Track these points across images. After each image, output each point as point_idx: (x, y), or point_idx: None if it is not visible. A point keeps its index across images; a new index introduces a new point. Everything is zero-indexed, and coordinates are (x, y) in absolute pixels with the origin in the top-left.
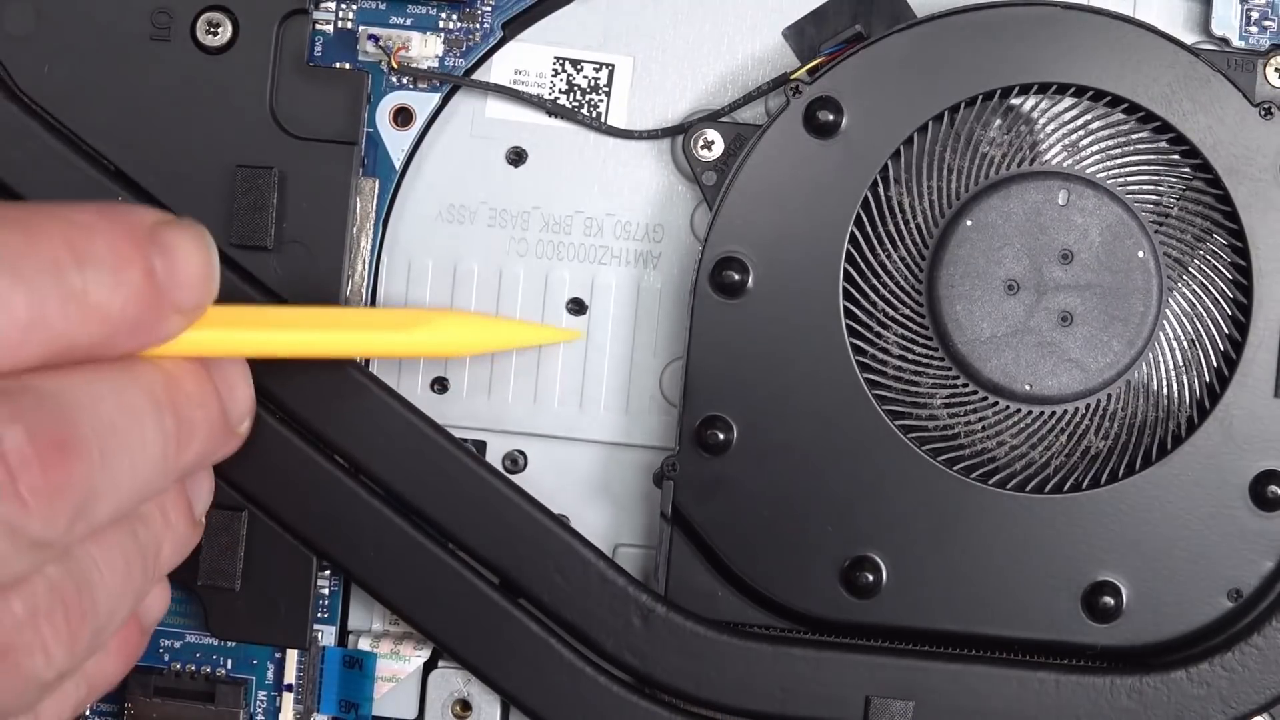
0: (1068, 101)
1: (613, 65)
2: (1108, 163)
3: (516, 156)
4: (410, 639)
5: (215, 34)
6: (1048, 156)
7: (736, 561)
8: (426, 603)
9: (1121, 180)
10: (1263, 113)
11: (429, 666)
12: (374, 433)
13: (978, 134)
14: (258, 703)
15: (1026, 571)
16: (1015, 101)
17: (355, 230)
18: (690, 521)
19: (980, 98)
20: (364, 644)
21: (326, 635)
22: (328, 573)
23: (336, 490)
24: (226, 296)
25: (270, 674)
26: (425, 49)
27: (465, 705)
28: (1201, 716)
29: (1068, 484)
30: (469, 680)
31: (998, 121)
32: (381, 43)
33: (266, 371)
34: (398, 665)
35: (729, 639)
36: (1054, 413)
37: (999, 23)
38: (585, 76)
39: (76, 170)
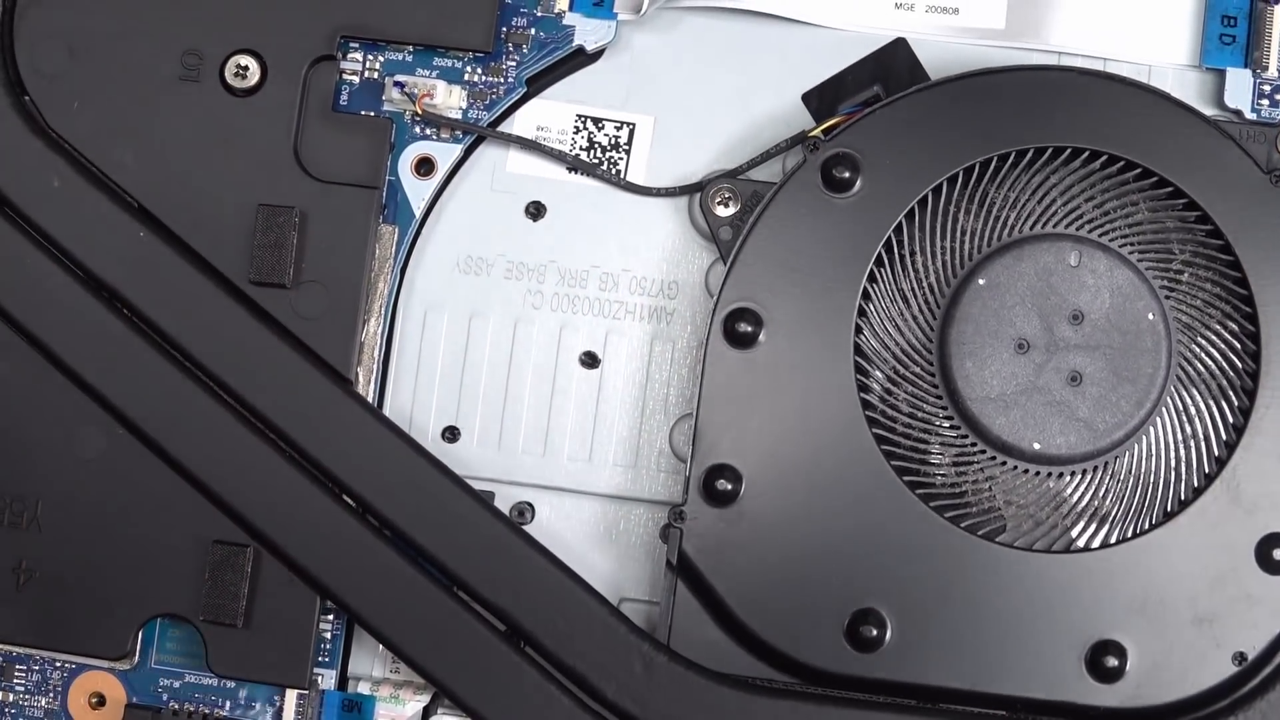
0: (1080, 165)
1: (634, 124)
2: (1120, 226)
3: (536, 210)
4: (410, 685)
5: (244, 77)
6: (1060, 219)
7: (740, 612)
8: (430, 646)
9: (1133, 244)
10: (1274, 180)
11: (427, 711)
12: (385, 475)
13: (992, 195)
14: None
15: (1031, 630)
16: (1029, 164)
17: (373, 275)
18: (696, 571)
19: (995, 160)
20: (364, 689)
21: (326, 679)
22: (330, 616)
23: (344, 530)
24: (242, 333)
25: (269, 717)
26: (449, 100)
27: None
28: None
29: (1074, 544)
30: None
31: (1011, 183)
32: (407, 89)
33: (278, 408)
34: (396, 710)
35: (730, 690)
36: (1062, 473)
37: (1015, 87)
38: (606, 134)
39: (101, 206)
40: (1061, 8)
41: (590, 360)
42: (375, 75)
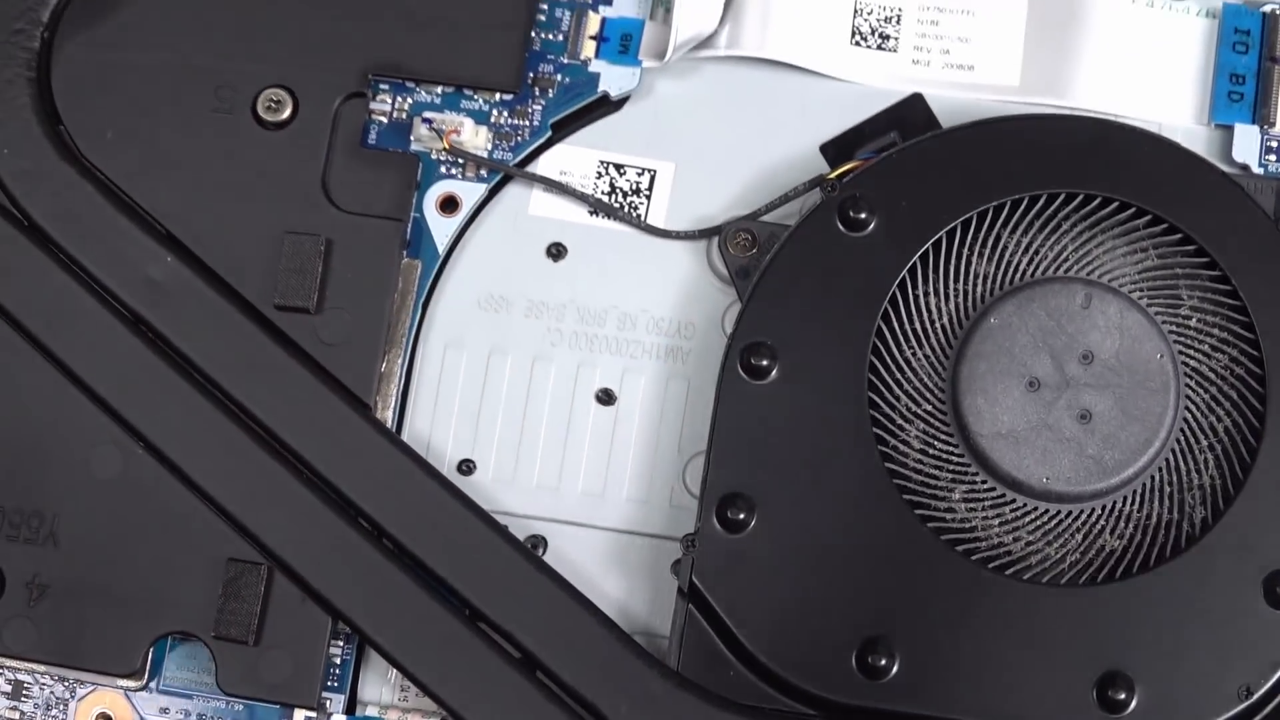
0: (1091, 211)
1: (655, 170)
2: (1129, 271)
3: (557, 251)
4: (418, 711)
5: (276, 110)
6: (1072, 263)
7: (750, 639)
8: (441, 671)
9: (1142, 288)
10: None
11: None
12: (400, 499)
13: (1005, 239)
14: None
15: (1039, 662)
16: (1041, 210)
17: (396, 307)
18: (706, 598)
19: (1008, 204)
20: (372, 712)
21: (335, 704)
22: (340, 641)
23: (359, 553)
24: (265, 358)
25: None
26: (475, 140)
27: None
28: None
29: (1082, 578)
30: None
31: (1024, 228)
32: (435, 125)
33: (297, 431)
34: None
35: (737, 718)
36: (1070, 511)
37: (1028, 135)
38: (628, 180)
39: (129, 232)
40: (1074, 65)
41: (606, 397)
42: (404, 115)
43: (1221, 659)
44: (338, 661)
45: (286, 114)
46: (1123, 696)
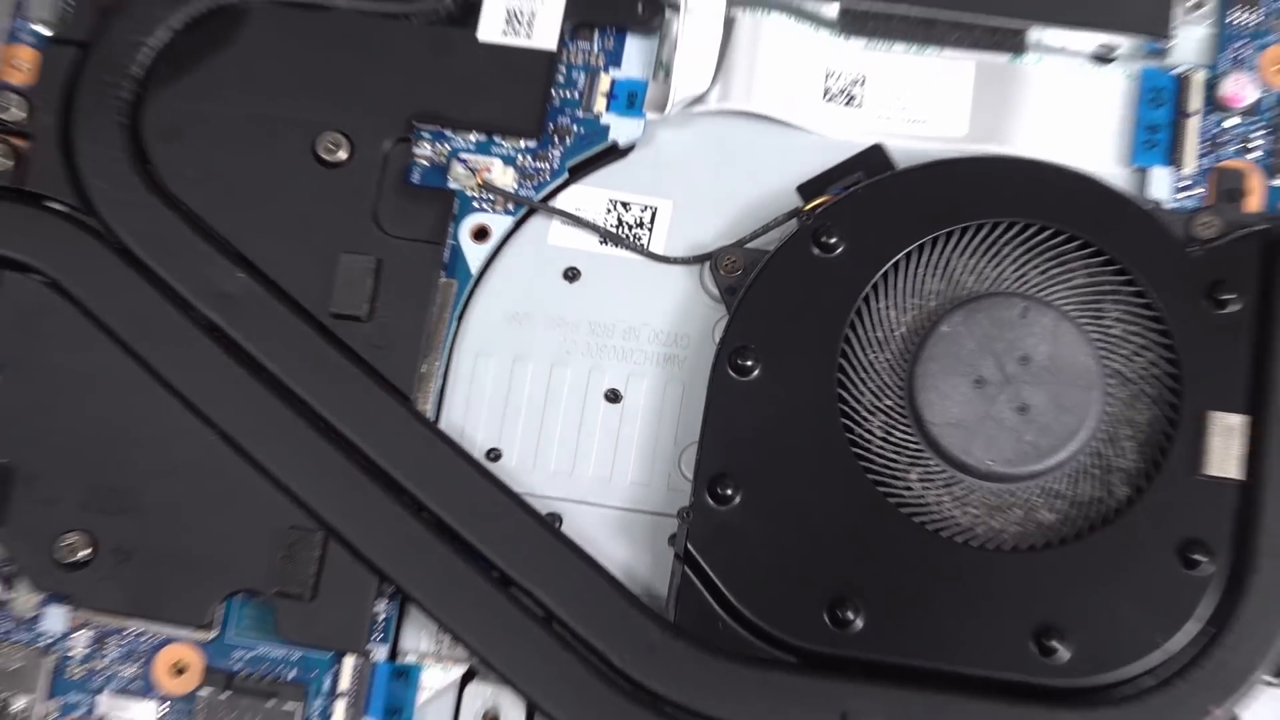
0: (1028, 236)
1: (656, 207)
2: (1061, 287)
3: (572, 275)
4: (450, 658)
5: (334, 152)
6: (1010, 280)
7: (736, 596)
8: (472, 623)
9: (1072, 301)
10: (1190, 250)
11: (466, 678)
12: (438, 477)
13: (953, 261)
14: (314, 706)
15: (985, 616)
16: (985, 236)
17: (434, 319)
18: (699, 561)
19: (956, 232)
20: (411, 660)
21: (379, 653)
22: (385, 599)
23: (402, 523)
24: (322, 358)
25: (327, 683)
26: (504, 179)
27: (493, 717)
28: None
29: (1022, 546)
30: (498, 694)
31: (970, 251)
32: (469, 164)
33: (350, 420)
34: (440, 676)
35: (725, 663)
36: (1010, 490)
37: (973, 173)
38: (633, 214)
39: (205, 253)
40: (1014, 118)
41: (614, 396)
42: (443, 158)
43: (1141, 613)
44: (382, 616)
45: (344, 155)
46: (1056, 644)
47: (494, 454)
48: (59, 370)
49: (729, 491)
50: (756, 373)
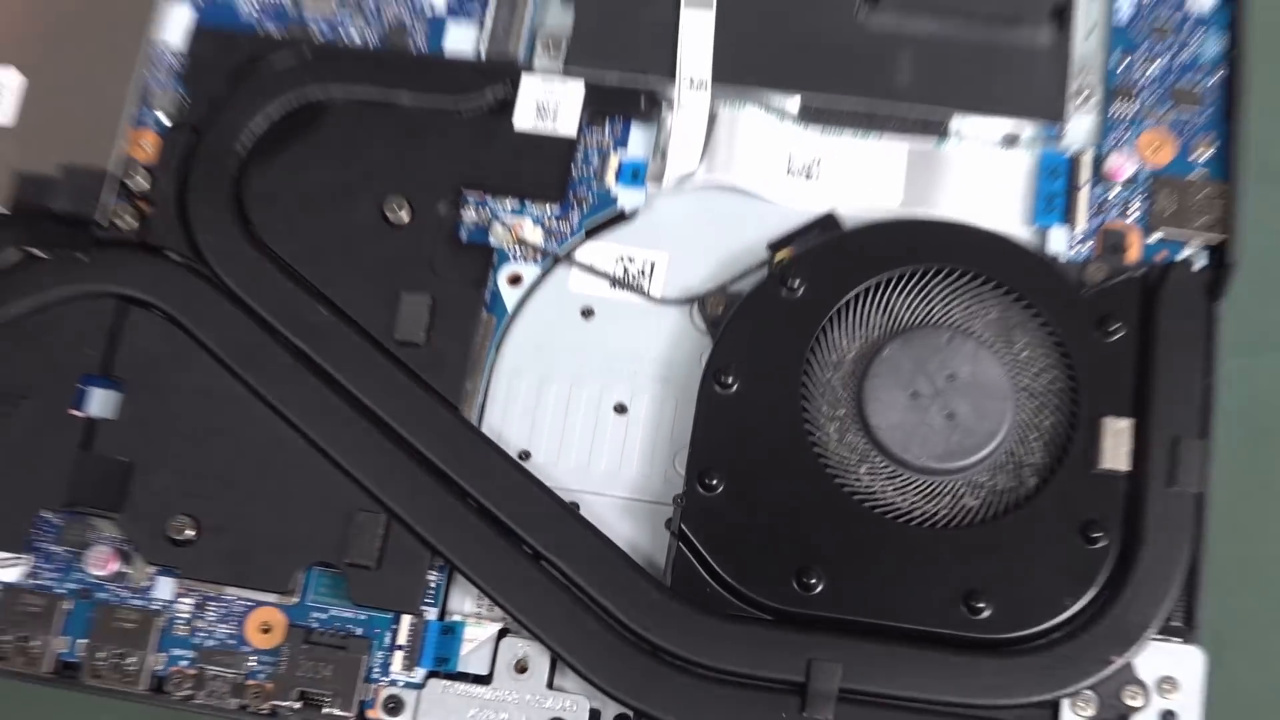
0: (952, 280)
1: (655, 260)
2: (978, 320)
3: (587, 313)
4: (490, 619)
5: (397, 213)
6: (938, 315)
7: (721, 566)
8: (508, 589)
9: (988, 331)
10: (1082, 291)
11: (501, 635)
12: (480, 470)
13: (891, 300)
14: (377, 656)
15: (922, 581)
16: (918, 280)
17: (478, 347)
18: (690, 538)
19: (895, 276)
20: (456, 618)
21: (430, 613)
22: (435, 571)
23: (451, 509)
24: (387, 376)
25: (388, 638)
26: (534, 236)
27: (523, 667)
28: (1042, 686)
29: (951, 524)
30: (527, 646)
31: (905, 292)
32: (506, 224)
33: (409, 425)
34: (479, 632)
35: (712, 619)
36: (941, 480)
37: (907, 231)
38: (637, 265)
39: (292, 291)
40: (939, 190)
41: (621, 409)
42: (485, 220)
43: (1050, 580)
44: (434, 584)
45: (405, 217)
46: (981, 605)
47: (525, 454)
48: (173, 387)
49: (714, 482)
50: (736, 387)
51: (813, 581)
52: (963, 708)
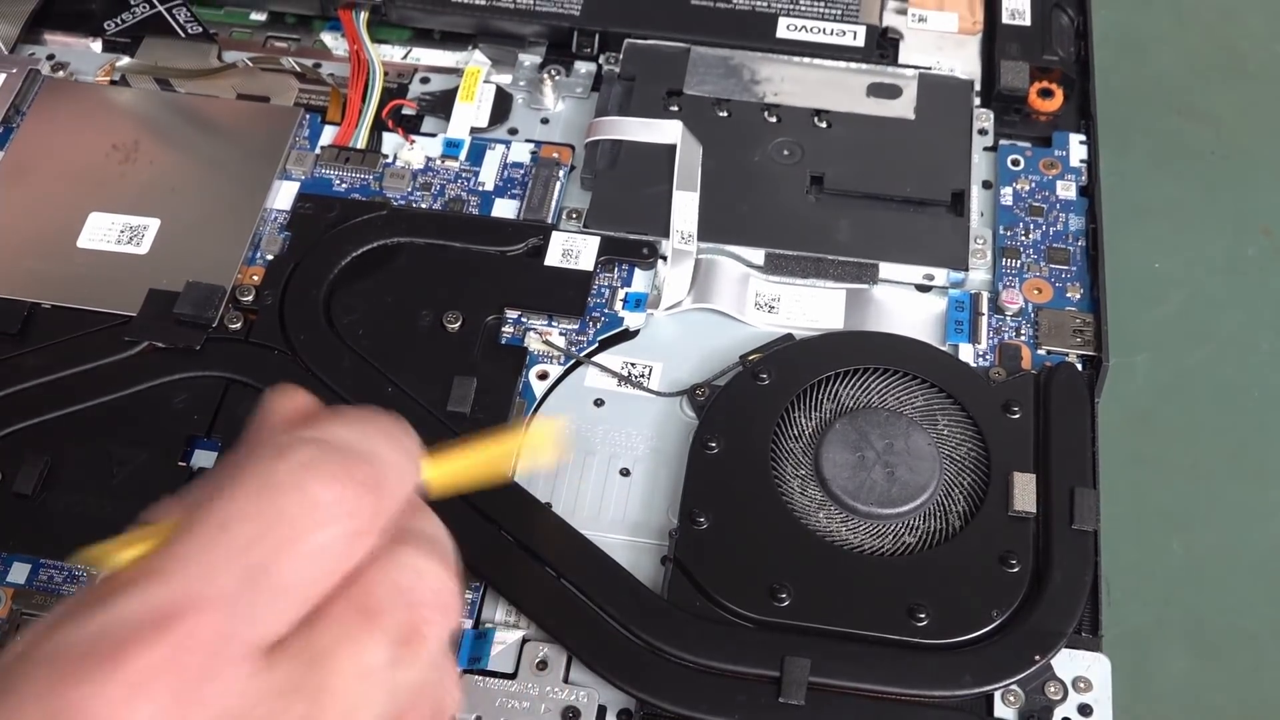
0: (888, 377)
1: (653, 365)
2: (910, 405)
3: (599, 403)
4: (518, 627)
5: (452, 323)
6: (878, 400)
7: (708, 585)
8: (535, 603)
9: (919, 413)
10: (990, 384)
11: (525, 640)
12: (516, 514)
13: (840, 389)
14: None
15: (872, 598)
16: (861, 375)
17: (511, 424)
18: (682, 564)
19: (841, 373)
20: (489, 625)
21: (466, 623)
22: (471, 588)
23: (492, 540)
24: (440, 439)
25: None
26: (559, 342)
27: (543, 664)
28: (976, 680)
29: (894, 555)
30: (548, 648)
31: (850, 385)
32: (537, 332)
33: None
34: (507, 635)
35: (701, 625)
36: (883, 524)
37: (847, 342)
38: (639, 369)
39: (367, 372)
40: (874, 316)
41: (625, 472)
42: (521, 330)
43: (979, 596)
44: (470, 598)
45: (458, 326)
46: (921, 615)
47: (547, 504)
48: None
49: (702, 520)
50: (718, 450)
51: (783, 596)
52: (911, 697)
